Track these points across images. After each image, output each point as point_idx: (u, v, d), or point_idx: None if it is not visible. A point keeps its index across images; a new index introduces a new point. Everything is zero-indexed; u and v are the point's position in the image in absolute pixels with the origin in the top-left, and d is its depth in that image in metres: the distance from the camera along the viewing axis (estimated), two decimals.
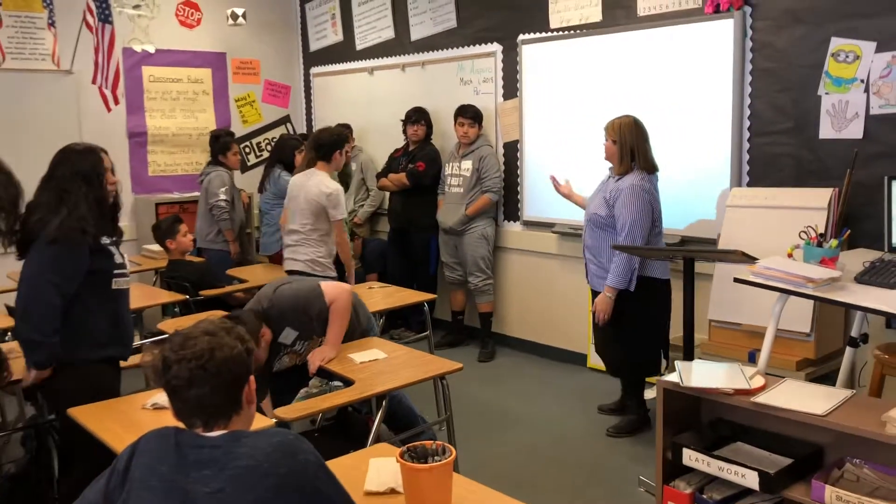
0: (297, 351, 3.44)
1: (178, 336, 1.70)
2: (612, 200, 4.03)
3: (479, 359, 5.66)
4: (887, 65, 3.86)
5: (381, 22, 6.76)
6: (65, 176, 2.93)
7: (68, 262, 2.87)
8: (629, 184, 3.99)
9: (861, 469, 2.54)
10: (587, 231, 4.22)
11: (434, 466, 1.93)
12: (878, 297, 2.74)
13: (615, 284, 4.00)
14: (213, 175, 5.94)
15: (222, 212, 5.85)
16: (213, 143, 6.14)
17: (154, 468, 1.63)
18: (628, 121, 4.10)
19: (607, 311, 4.04)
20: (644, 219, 3.97)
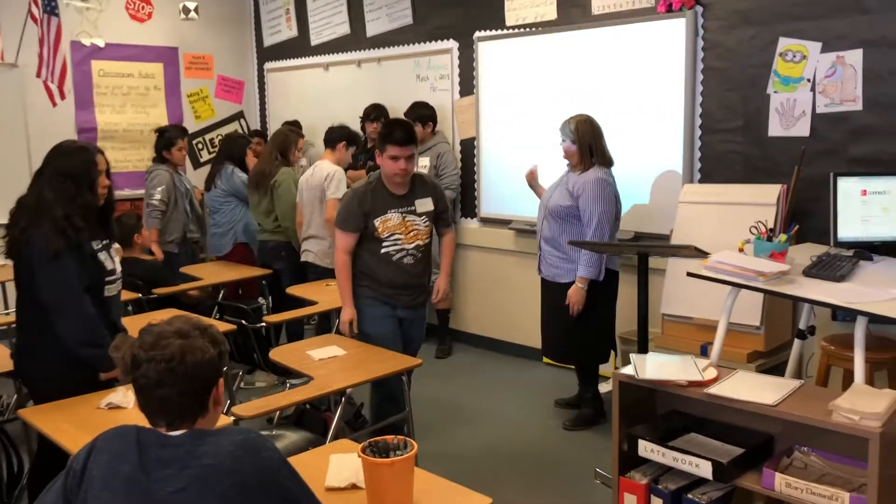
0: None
1: (151, 335, 1.67)
2: (577, 193, 4.08)
3: (437, 355, 5.67)
4: (832, 65, 3.97)
5: (336, 17, 6.72)
6: (51, 175, 2.82)
7: (74, 266, 2.78)
8: (594, 177, 4.06)
9: (808, 456, 2.62)
10: (546, 223, 4.27)
11: (396, 461, 1.94)
12: (824, 289, 2.83)
13: (588, 275, 4.07)
14: (154, 174, 5.68)
15: (153, 210, 5.53)
16: (158, 139, 5.86)
17: (114, 467, 1.61)
18: (583, 119, 4.15)
19: (581, 301, 4.12)
20: (610, 211, 4.08)
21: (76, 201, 2.80)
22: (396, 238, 3.62)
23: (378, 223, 3.59)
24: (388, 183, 3.63)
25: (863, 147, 3.91)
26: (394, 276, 3.66)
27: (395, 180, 3.60)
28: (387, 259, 3.63)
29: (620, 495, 2.87)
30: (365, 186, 3.66)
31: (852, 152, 3.94)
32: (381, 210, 3.60)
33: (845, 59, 3.93)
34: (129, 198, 6.70)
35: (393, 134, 3.54)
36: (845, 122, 3.95)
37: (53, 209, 2.76)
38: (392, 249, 3.63)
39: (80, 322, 2.78)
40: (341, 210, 3.68)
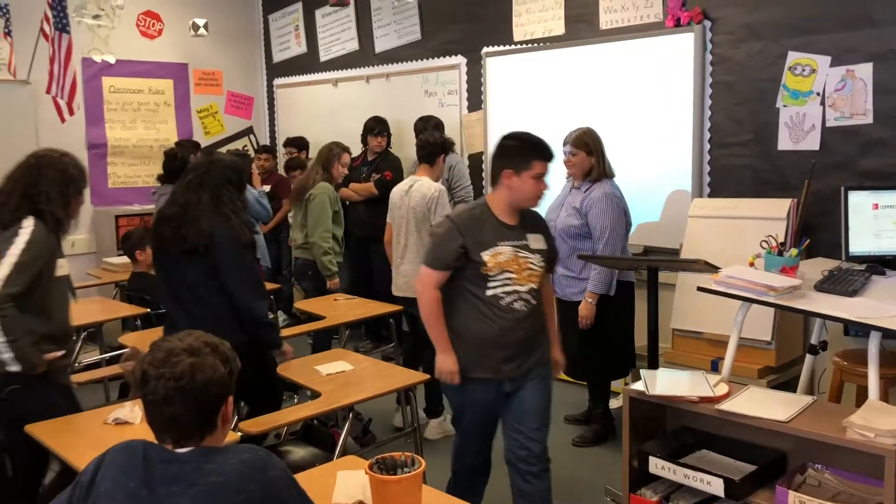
0: None
1: (161, 351, 1.65)
2: (586, 210, 4.04)
3: None
4: (842, 78, 3.96)
5: (345, 34, 6.75)
6: (216, 182, 3.22)
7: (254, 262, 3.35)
8: (603, 193, 4.02)
9: (822, 474, 2.58)
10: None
11: (403, 478, 1.92)
12: (836, 304, 2.80)
13: (598, 290, 4.02)
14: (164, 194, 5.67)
15: None
16: (169, 161, 5.78)
17: (120, 482, 1.60)
18: (590, 130, 4.13)
19: (591, 316, 4.06)
20: (621, 225, 4.05)
21: (237, 203, 3.27)
22: (508, 277, 2.84)
23: (487, 257, 2.83)
24: (505, 209, 2.92)
25: (873, 160, 3.88)
26: (501, 329, 2.85)
27: (532, 205, 2.95)
28: (494, 303, 2.84)
29: None
30: (467, 212, 2.95)
31: (863, 166, 3.91)
32: (490, 241, 2.86)
33: (855, 72, 3.91)
34: (140, 213, 6.72)
35: (542, 148, 2.91)
36: (855, 136, 3.93)
37: (235, 209, 3.23)
38: (501, 291, 2.84)
39: (265, 301, 3.34)
40: (438, 241, 2.93)
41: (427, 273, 2.91)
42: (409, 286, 4.37)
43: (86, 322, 4.52)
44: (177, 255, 3.17)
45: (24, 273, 2.70)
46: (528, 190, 2.88)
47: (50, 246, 2.85)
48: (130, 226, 6.19)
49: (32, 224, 2.80)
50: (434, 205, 4.27)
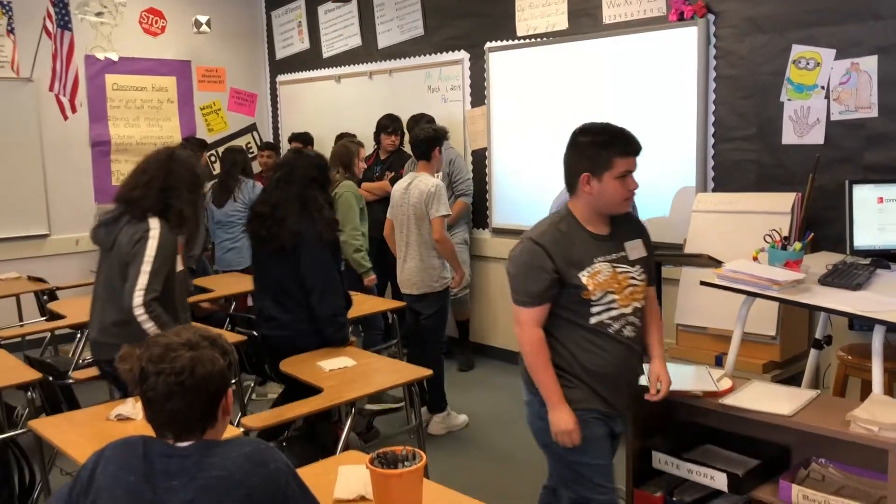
0: None
1: (159, 346, 1.64)
2: None
3: (460, 368, 5.62)
4: (846, 71, 3.93)
5: (347, 30, 6.74)
6: (304, 180, 3.46)
7: (336, 261, 3.53)
8: None
9: (826, 468, 2.58)
10: None
11: (404, 472, 1.91)
12: (841, 298, 2.79)
13: None
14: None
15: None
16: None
17: (120, 477, 1.59)
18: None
19: None
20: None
21: (322, 200, 3.48)
22: (611, 300, 2.43)
23: (586, 278, 2.40)
24: (592, 217, 2.47)
25: (878, 154, 3.86)
26: (615, 361, 2.46)
27: (622, 210, 2.50)
28: (602, 331, 2.43)
29: None
30: (551, 228, 2.46)
31: (868, 160, 3.89)
32: (585, 259, 2.42)
33: (860, 65, 3.89)
34: None
35: (624, 140, 2.45)
36: (860, 130, 3.91)
37: (318, 207, 3.43)
38: (607, 317, 2.43)
39: (339, 299, 3.51)
40: (523, 270, 2.43)
41: (523, 313, 2.42)
42: (413, 283, 4.42)
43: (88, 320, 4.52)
44: (269, 252, 3.44)
45: (159, 276, 2.89)
46: (612, 194, 2.42)
47: (174, 246, 3.00)
48: None
49: (158, 226, 2.94)
50: (431, 200, 4.27)
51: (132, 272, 2.85)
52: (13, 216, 6.20)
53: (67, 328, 4.62)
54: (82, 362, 4.38)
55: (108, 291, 2.99)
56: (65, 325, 4.53)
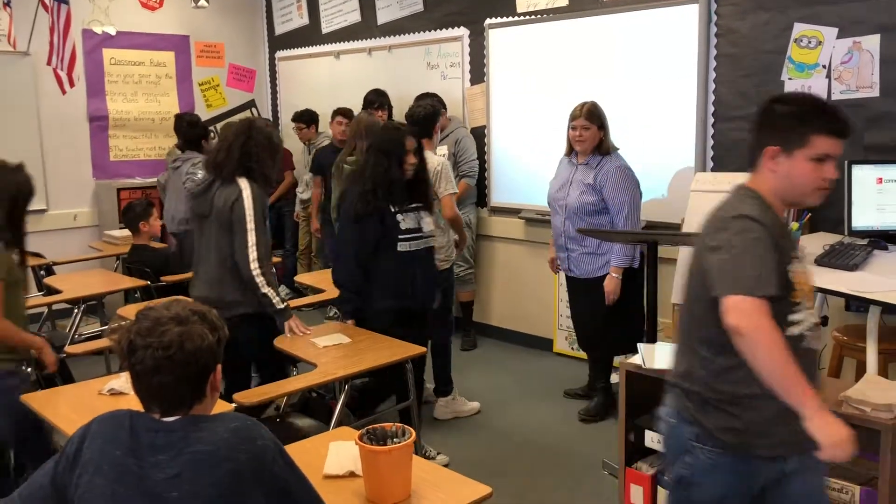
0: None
1: (148, 319, 1.62)
2: (601, 184, 4.01)
3: (463, 347, 5.60)
4: (848, 50, 3.89)
5: (347, 5, 6.68)
6: (373, 151, 3.60)
7: (368, 229, 3.53)
8: (616, 166, 4.01)
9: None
10: (570, 223, 4.12)
11: (393, 448, 1.91)
12: (836, 278, 2.78)
13: (621, 264, 4.01)
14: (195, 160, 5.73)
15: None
16: (192, 128, 5.81)
17: (107, 451, 1.59)
18: (596, 104, 4.10)
19: (617, 290, 4.04)
20: (637, 198, 4.06)
21: (387, 175, 3.51)
22: (806, 307, 2.01)
23: (795, 275, 1.97)
24: (777, 203, 2.03)
25: (879, 134, 3.83)
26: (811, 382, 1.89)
27: (810, 202, 2.04)
28: (798, 345, 1.93)
29: (627, 486, 2.84)
30: (759, 206, 1.98)
31: (868, 140, 3.86)
32: (790, 253, 2.00)
33: (862, 44, 3.85)
34: (141, 186, 6.70)
35: (834, 118, 1.96)
36: (861, 109, 3.87)
37: (365, 181, 3.54)
38: (804, 328, 1.98)
39: (345, 272, 3.62)
40: (750, 251, 1.88)
41: (750, 303, 1.82)
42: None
43: (86, 294, 4.53)
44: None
45: (261, 231, 3.29)
46: (803, 179, 1.96)
47: (264, 201, 3.38)
48: (132, 199, 6.16)
49: (248, 185, 3.31)
50: (438, 178, 4.20)
51: (239, 239, 3.26)
52: None
53: (64, 303, 4.62)
54: (78, 337, 4.39)
55: (213, 252, 3.38)
56: (61, 300, 4.53)
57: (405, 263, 3.58)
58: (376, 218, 3.51)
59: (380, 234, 3.53)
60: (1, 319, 2.79)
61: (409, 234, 3.59)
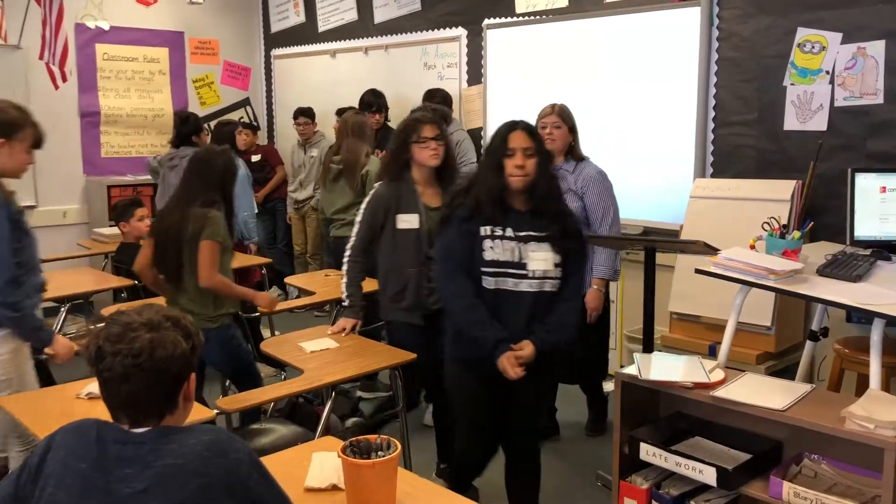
0: None
1: (118, 325, 1.54)
2: (582, 191, 3.75)
3: None
4: (853, 56, 3.82)
5: (344, 3, 6.60)
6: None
7: (448, 236, 2.83)
8: (598, 171, 3.77)
9: (819, 465, 2.50)
10: None
11: (377, 462, 1.82)
12: (839, 290, 2.70)
13: (604, 275, 3.72)
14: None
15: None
16: (183, 124, 5.79)
17: (71, 465, 1.50)
18: (566, 106, 3.85)
19: (600, 305, 3.74)
20: (617, 205, 3.82)
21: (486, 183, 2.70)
22: None
23: None
24: None
25: (883, 142, 3.76)
26: None
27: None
28: None
29: (621, 500, 2.75)
30: None
31: (871, 147, 3.79)
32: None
33: (867, 50, 3.77)
34: (132, 184, 6.60)
35: None
36: (865, 116, 3.80)
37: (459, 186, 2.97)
38: None
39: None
40: None
41: None
42: None
43: (71, 293, 4.44)
44: None
45: (361, 229, 3.37)
46: None
47: (377, 201, 3.32)
48: (123, 196, 6.08)
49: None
50: None
51: None
52: None
53: (51, 301, 4.52)
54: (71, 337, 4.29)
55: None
56: (47, 298, 4.42)
57: (492, 307, 2.67)
58: (452, 227, 2.75)
59: (467, 253, 2.70)
60: (217, 275, 3.29)
61: (498, 267, 2.67)
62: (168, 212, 3.45)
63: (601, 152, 4.07)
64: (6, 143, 2.70)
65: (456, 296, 2.69)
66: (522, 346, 2.63)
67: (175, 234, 3.30)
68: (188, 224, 3.28)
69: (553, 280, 2.68)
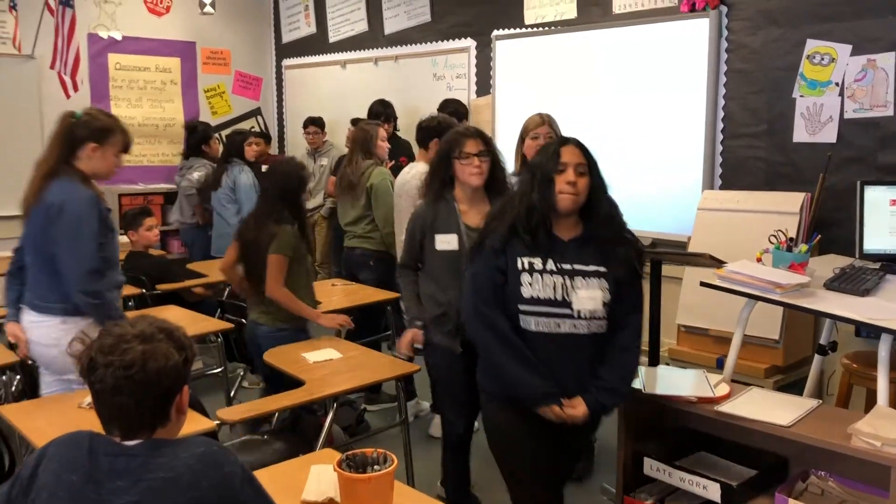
0: None
1: (111, 336, 1.53)
2: None
3: None
4: (862, 68, 3.79)
5: (354, 14, 6.62)
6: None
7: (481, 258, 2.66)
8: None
9: (826, 482, 2.46)
10: None
11: (373, 476, 1.81)
12: (847, 304, 2.66)
13: None
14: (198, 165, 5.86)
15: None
16: (191, 134, 5.88)
17: (62, 477, 1.49)
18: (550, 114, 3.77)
19: None
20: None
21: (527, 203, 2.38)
22: None
23: None
24: None
25: (893, 154, 3.72)
26: None
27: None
28: None
29: None
30: None
31: (881, 160, 3.76)
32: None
33: (877, 62, 3.74)
34: (143, 192, 6.65)
35: None
36: (875, 129, 3.77)
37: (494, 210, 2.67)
38: None
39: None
40: None
41: None
42: None
43: None
44: None
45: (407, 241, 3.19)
46: None
47: (418, 216, 3.11)
48: (133, 205, 6.11)
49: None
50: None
51: None
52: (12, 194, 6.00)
53: None
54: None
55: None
56: None
57: (535, 350, 2.33)
58: (493, 261, 2.39)
59: (500, 288, 2.37)
60: (281, 288, 3.41)
61: (538, 305, 2.32)
62: (248, 224, 3.64)
63: (609, 163, 4.01)
64: (98, 147, 2.86)
65: (490, 329, 2.34)
66: (574, 405, 2.30)
67: (254, 246, 3.49)
68: (264, 237, 3.46)
69: (601, 320, 2.34)
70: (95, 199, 2.86)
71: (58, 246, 2.78)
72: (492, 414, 2.51)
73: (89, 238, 2.78)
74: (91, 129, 2.85)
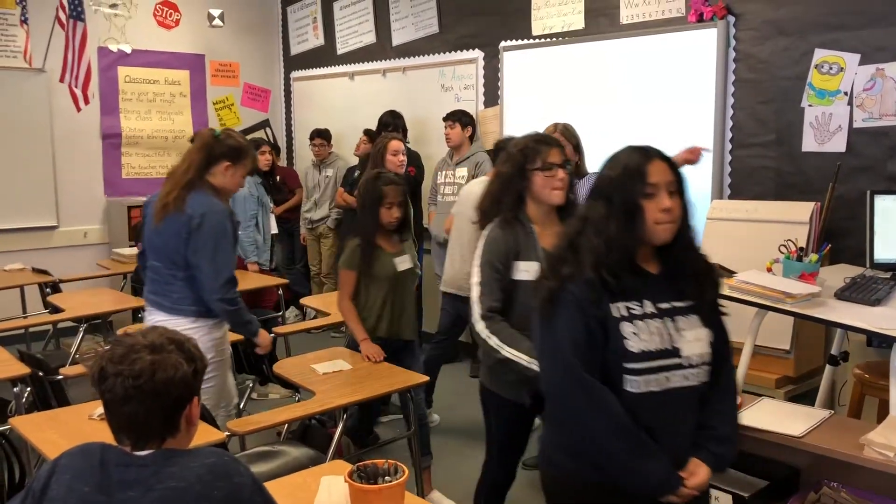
0: None
1: (122, 346, 1.55)
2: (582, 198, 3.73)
3: (472, 374, 5.47)
4: (871, 77, 3.79)
5: (362, 26, 6.66)
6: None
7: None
8: (586, 175, 3.75)
9: (839, 493, 2.44)
10: None
11: (384, 487, 1.81)
12: (858, 314, 2.65)
13: None
14: None
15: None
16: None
17: (75, 488, 1.50)
18: (569, 124, 3.95)
19: None
20: None
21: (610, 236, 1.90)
22: None
23: None
24: None
25: None
26: None
27: None
28: None
29: None
30: None
31: (891, 169, 3.74)
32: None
33: (885, 71, 3.74)
34: None
35: None
36: (884, 138, 3.76)
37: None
38: None
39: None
40: None
41: None
42: (462, 285, 3.99)
43: (90, 313, 4.47)
44: None
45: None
46: None
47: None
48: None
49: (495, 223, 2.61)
50: None
51: None
52: (22, 207, 6.16)
53: (70, 321, 4.56)
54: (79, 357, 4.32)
55: None
56: (66, 318, 4.47)
57: (637, 415, 1.83)
58: (585, 314, 1.84)
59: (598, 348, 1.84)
60: (344, 301, 3.47)
61: (650, 360, 1.84)
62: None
63: None
64: (232, 166, 3.02)
65: (598, 409, 1.81)
66: (693, 472, 1.87)
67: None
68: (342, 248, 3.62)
69: (708, 366, 1.92)
70: (229, 212, 3.05)
71: (198, 255, 2.94)
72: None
73: (227, 250, 2.99)
74: (228, 147, 3.00)
